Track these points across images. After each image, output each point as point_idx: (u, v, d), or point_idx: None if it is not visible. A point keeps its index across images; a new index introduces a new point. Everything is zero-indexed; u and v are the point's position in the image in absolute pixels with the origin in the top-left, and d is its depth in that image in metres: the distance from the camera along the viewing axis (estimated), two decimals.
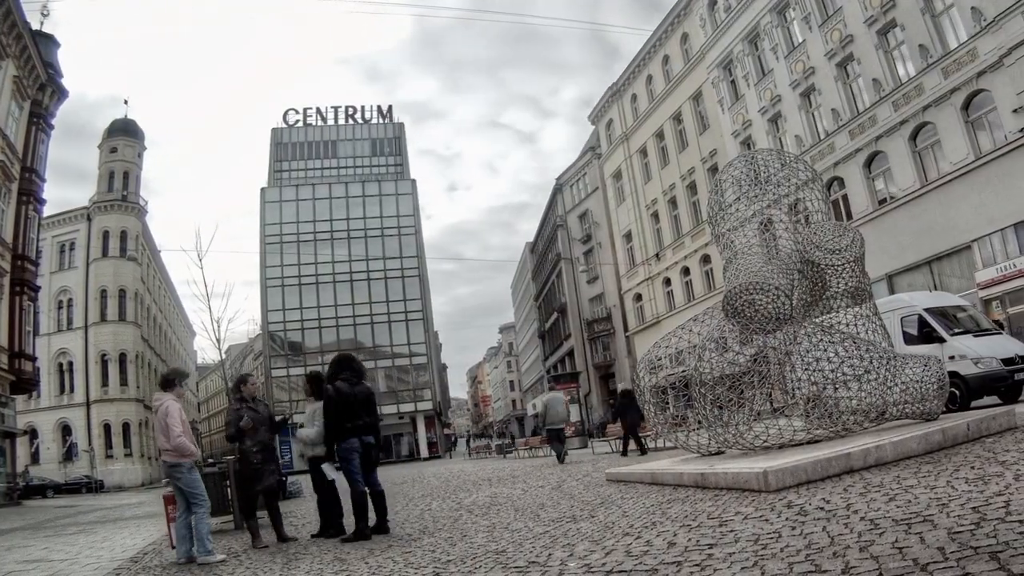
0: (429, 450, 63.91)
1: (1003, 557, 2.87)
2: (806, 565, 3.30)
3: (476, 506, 9.38)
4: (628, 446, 18.81)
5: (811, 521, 4.35)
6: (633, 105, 48.59)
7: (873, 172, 28.39)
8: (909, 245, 26.13)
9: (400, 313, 67.24)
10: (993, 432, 7.54)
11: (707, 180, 38.20)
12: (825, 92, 30.37)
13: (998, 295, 22.84)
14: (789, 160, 10.47)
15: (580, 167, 58.99)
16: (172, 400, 7.23)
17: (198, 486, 7.22)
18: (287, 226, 68.28)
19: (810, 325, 8.80)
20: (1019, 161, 21.97)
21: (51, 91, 35.49)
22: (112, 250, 59.66)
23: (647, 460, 12.87)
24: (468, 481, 16.00)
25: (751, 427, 8.80)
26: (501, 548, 5.43)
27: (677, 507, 6.16)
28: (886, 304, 14.56)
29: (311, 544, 7.67)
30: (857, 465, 6.46)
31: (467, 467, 27.70)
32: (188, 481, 7.15)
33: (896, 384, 8.16)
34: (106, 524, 15.57)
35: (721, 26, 37.32)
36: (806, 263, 9.04)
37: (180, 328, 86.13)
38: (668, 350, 10.20)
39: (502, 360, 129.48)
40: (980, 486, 4.55)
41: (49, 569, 8.10)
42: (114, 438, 56.43)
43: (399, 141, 79.43)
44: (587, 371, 55.35)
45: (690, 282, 42.82)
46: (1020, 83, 21.73)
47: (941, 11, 24.84)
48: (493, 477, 16.09)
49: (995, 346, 13.75)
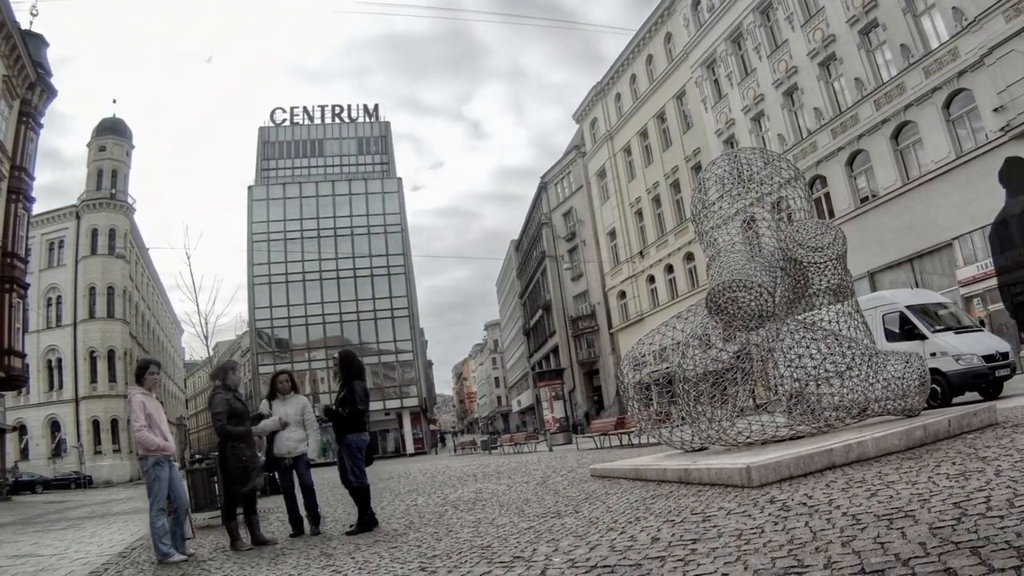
0: (415, 446, 64.07)
1: (984, 552, 2.88)
2: (788, 560, 3.30)
3: (461, 501, 9.37)
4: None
5: (793, 516, 4.35)
6: (617, 104, 48.74)
7: (855, 170, 28.58)
8: (891, 243, 26.32)
9: (386, 310, 67.83)
10: (974, 428, 7.59)
11: (690, 178, 38.39)
12: (808, 91, 30.54)
13: (979, 292, 23.06)
14: (772, 158, 10.51)
15: (564, 165, 59.10)
16: (139, 393, 7.01)
17: (156, 484, 6.91)
18: (274, 224, 68.83)
19: (793, 322, 8.83)
20: (1000, 160, 22.15)
21: (40, 90, 35.40)
22: (101, 248, 59.84)
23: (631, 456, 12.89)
24: (453, 477, 16.00)
25: (734, 423, 8.82)
26: (486, 543, 5.42)
27: (661, 502, 6.16)
28: (868, 301, 14.64)
29: (297, 539, 7.62)
30: (839, 461, 6.49)
31: (452, 463, 27.72)
32: (148, 476, 6.91)
33: (878, 381, 8.20)
34: (94, 519, 15.57)
35: (704, 26, 37.46)
36: (789, 261, 9.07)
37: (168, 325, 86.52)
38: (652, 347, 10.22)
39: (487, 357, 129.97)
40: (961, 482, 4.58)
41: (38, 564, 8.06)
42: (102, 434, 56.61)
43: (385, 140, 79.72)
44: (571, 368, 55.51)
45: (674, 279, 42.99)
46: (1001, 82, 21.91)
47: (923, 11, 25.02)
48: (478, 473, 16.09)
49: (976, 343, 13.85)
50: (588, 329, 55.33)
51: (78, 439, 53.92)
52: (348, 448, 7.71)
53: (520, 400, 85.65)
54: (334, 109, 77.99)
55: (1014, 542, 2.95)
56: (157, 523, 6.86)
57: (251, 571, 5.93)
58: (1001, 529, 3.19)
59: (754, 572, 3.21)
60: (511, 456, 26.42)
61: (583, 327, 55.77)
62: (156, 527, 6.86)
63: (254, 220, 68.77)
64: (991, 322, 21.60)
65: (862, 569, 2.96)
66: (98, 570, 7.11)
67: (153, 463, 6.93)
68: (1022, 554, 2.77)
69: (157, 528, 6.86)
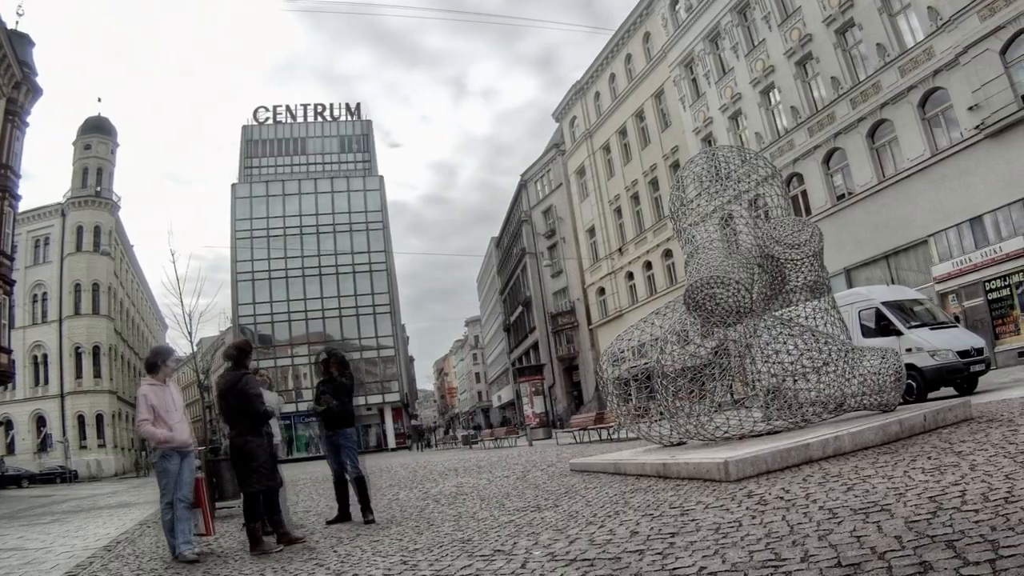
0: (397, 441, 64.25)
1: (959, 545, 2.90)
2: (766, 553, 3.31)
3: (443, 496, 9.37)
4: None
5: (771, 510, 4.37)
6: (596, 103, 48.84)
7: (832, 168, 28.79)
8: (867, 240, 26.54)
9: (368, 306, 68.23)
10: (949, 423, 7.67)
11: (669, 176, 38.53)
12: (784, 90, 30.72)
13: (954, 289, 23.30)
14: (749, 157, 10.56)
15: (544, 163, 59.18)
16: (145, 384, 6.73)
17: (163, 476, 6.59)
18: (257, 221, 69.17)
19: (770, 318, 8.88)
20: (974, 158, 22.43)
21: (26, 89, 35.43)
22: (86, 245, 60.32)
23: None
24: (435, 471, 16.02)
25: (712, 418, 8.87)
26: (467, 537, 5.42)
27: (640, 497, 6.18)
28: (844, 298, 14.76)
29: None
30: (816, 455, 6.54)
31: (434, 458, 27.80)
32: (156, 469, 6.66)
33: (854, 376, 8.26)
34: (80, 514, 15.53)
35: (683, 25, 37.58)
36: (766, 258, 9.12)
37: (152, 321, 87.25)
38: (631, 343, 10.25)
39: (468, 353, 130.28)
40: (936, 476, 4.62)
41: (24, 557, 8.03)
42: (88, 429, 57.05)
43: (367, 138, 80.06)
44: (551, 364, 55.69)
45: (652, 276, 43.14)
46: (975, 81, 22.15)
47: (898, 11, 25.23)
48: (459, 467, 16.13)
49: (951, 339, 13.98)
50: (568, 325, 55.49)
51: (64, 434, 54.52)
52: (348, 440, 7.79)
53: (501, 395, 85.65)
54: (316, 108, 78.35)
55: (988, 535, 2.97)
56: (165, 517, 6.62)
57: (235, 565, 5.90)
58: (976, 523, 3.21)
59: (732, 565, 3.22)
60: (491, 451, 26.46)
61: (563, 323, 55.94)
62: (163, 522, 6.64)
63: (238, 217, 69.15)
64: (966, 318, 21.84)
65: (839, 562, 2.97)
66: (83, 563, 7.07)
67: (160, 456, 6.64)
68: (996, 547, 2.79)
69: (165, 523, 6.62)
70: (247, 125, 77.46)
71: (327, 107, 78.74)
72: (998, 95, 21.57)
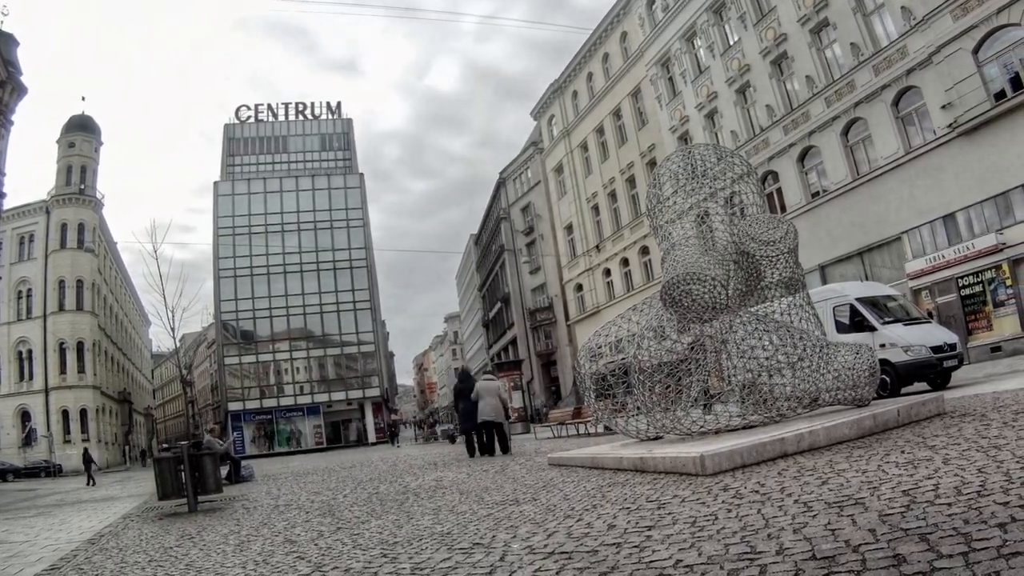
0: (376, 435, 64.40)
1: (932, 539, 2.91)
2: (741, 546, 3.31)
3: (422, 489, 9.33)
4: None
5: (746, 504, 4.38)
6: (574, 101, 49.01)
7: (806, 166, 29.04)
8: (841, 237, 26.80)
9: (348, 303, 68.45)
10: (923, 418, 7.72)
11: (645, 174, 38.74)
12: (760, 89, 30.94)
13: (927, 285, 23.60)
14: (725, 154, 10.58)
15: (522, 161, 59.39)
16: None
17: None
18: (239, 218, 69.28)
19: (745, 314, 8.91)
20: (947, 155, 22.71)
21: (11, 88, 35.05)
22: (70, 242, 61.12)
23: (589, 444, 12.93)
24: (414, 465, 15.97)
25: (689, 413, 8.90)
26: (447, 530, 5.39)
27: (617, 490, 6.18)
28: (819, 294, 14.86)
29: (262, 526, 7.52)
30: (791, 450, 6.56)
31: (413, 452, 27.74)
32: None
33: (829, 371, 8.31)
34: (64, 507, 15.54)
35: (659, 25, 37.75)
36: (742, 254, 9.15)
37: (136, 317, 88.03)
38: (608, 338, 10.27)
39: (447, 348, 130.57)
40: (910, 470, 4.64)
41: (8, 551, 8.04)
42: (72, 424, 57.80)
43: (347, 136, 79.88)
44: (530, 359, 55.92)
45: (629, 273, 43.37)
46: (948, 80, 22.42)
47: (872, 10, 25.49)
48: (439, 461, 16.07)
49: (924, 334, 14.13)
50: (546, 321, 55.79)
51: (48, 429, 55.77)
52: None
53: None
54: (297, 106, 78.11)
55: (961, 528, 2.98)
56: None
57: (217, 557, 5.84)
58: (949, 516, 3.23)
59: (708, 558, 3.21)
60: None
61: (541, 319, 56.22)
62: None
63: (220, 215, 69.31)
64: (939, 314, 22.11)
65: (813, 555, 2.97)
66: (67, 556, 7.04)
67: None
68: (969, 540, 2.81)
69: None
70: (229, 123, 77.26)
71: (308, 105, 78.56)
72: (971, 94, 21.85)
